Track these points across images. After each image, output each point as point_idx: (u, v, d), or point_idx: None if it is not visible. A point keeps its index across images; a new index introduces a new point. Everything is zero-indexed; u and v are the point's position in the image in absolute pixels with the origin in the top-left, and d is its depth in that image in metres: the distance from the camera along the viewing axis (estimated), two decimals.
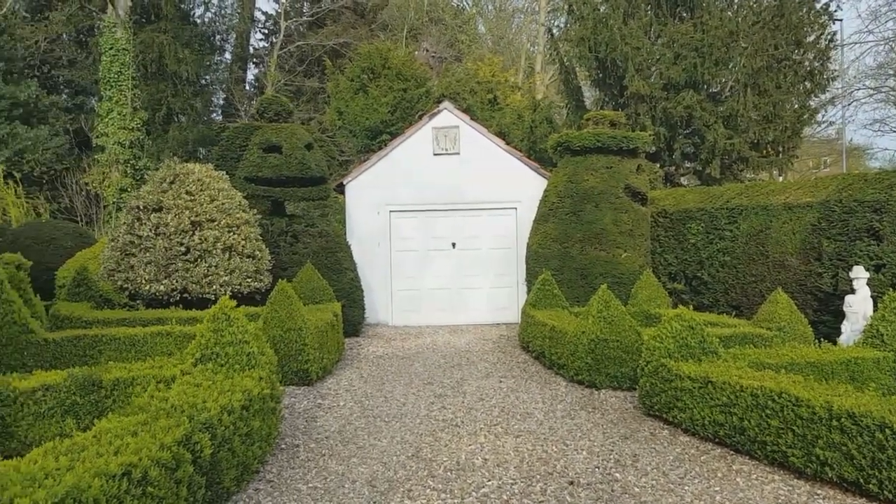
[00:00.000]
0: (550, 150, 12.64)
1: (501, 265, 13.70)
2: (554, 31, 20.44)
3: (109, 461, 3.28)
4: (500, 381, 8.48)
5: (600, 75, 17.48)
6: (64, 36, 26.57)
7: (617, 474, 5.25)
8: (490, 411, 7.10)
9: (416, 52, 25.88)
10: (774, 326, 8.86)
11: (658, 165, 16.91)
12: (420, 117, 14.28)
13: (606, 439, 6.13)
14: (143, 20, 25.27)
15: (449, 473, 5.29)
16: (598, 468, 5.39)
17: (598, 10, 17.04)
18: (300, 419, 6.84)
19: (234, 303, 5.87)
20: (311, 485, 5.08)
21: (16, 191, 21.65)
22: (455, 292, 13.75)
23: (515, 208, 13.63)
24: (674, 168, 17.69)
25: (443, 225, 13.75)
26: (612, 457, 5.65)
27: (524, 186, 13.58)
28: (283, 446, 5.98)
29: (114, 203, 22.75)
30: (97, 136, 23.30)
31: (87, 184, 23.37)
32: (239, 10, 31.53)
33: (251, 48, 33.08)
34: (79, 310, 9.55)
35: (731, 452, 5.76)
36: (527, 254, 12.41)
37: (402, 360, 10.00)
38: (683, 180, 18.84)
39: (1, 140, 22.39)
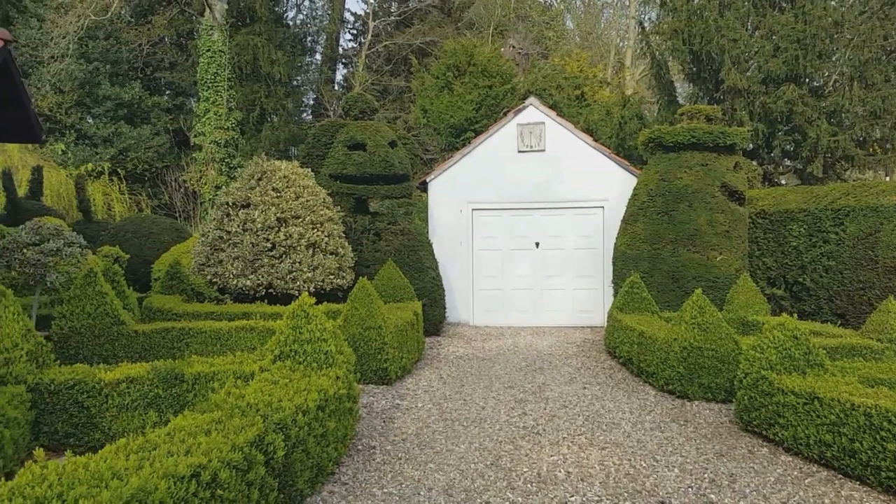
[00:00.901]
0: (641, 147, 12.12)
1: (586, 266, 13.27)
2: (645, 24, 19.71)
3: (179, 462, 3.20)
4: (585, 388, 8.13)
5: (694, 69, 16.72)
6: (166, 39, 27.73)
7: (712, 496, 4.86)
8: (573, 420, 6.79)
9: (502, 49, 25.59)
10: (885, 338, 8.15)
11: (756, 163, 16.03)
12: (505, 114, 14.00)
13: (700, 456, 5.72)
14: (239, 23, 26.05)
15: (529, 486, 5.04)
16: (692, 488, 5.01)
17: (692, 1, 16.32)
18: (378, 419, 6.73)
19: (313, 300, 5.81)
20: (385, 490, 4.93)
21: (120, 187, 22.79)
22: (538, 293, 13.41)
23: (602, 207, 13.17)
24: (773, 166, 16.74)
25: (526, 224, 13.44)
26: (706, 476, 5.25)
27: (612, 184, 13.11)
28: (359, 447, 5.87)
29: (210, 200, 23.56)
30: (195, 136, 24.18)
31: (185, 181, 24.32)
32: (329, 12, 32.11)
33: (340, 49, 33.62)
34: (170, 302, 9.82)
35: (839, 476, 5.26)
36: (614, 255, 11.96)
37: (482, 361, 9.79)
38: (783, 179, 17.83)
39: (107, 139, 23.58)
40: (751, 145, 15.92)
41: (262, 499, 3.94)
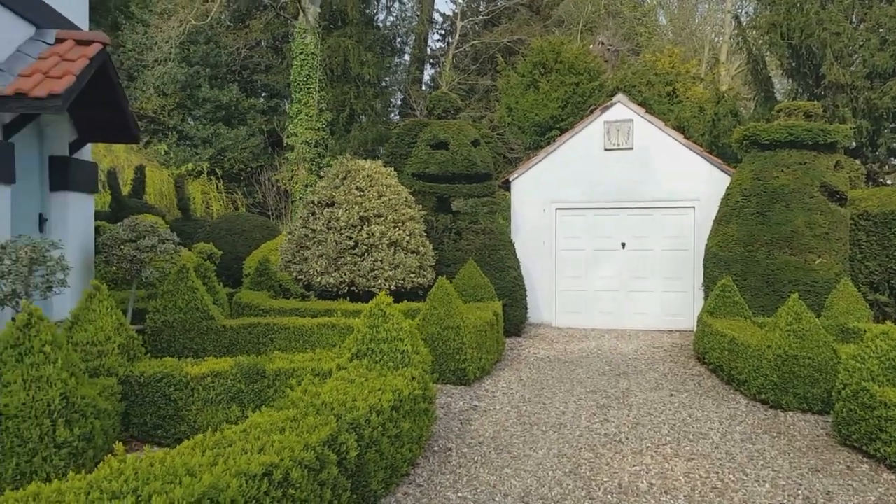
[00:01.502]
0: (735, 145, 11.59)
1: (675, 268, 12.82)
2: (742, 18, 18.92)
3: (251, 460, 3.24)
4: (671, 395, 7.84)
5: (793, 64, 15.91)
6: (262, 43, 28.64)
7: None
8: (658, 428, 6.55)
9: (591, 46, 25.11)
10: None
11: (859, 162, 15.08)
12: (591, 111, 13.70)
13: (793, 470, 5.40)
14: (331, 26, 26.61)
15: (609, 497, 4.87)
16: None
17: None
18: (455, 421, 6.69)
19: (391, 299, 5.82)
20: (460, 494, 4.88)
21: (217, 186, 23.72)
22: (623, 295, 13.05)
23: (693, 207, 12.68)
24: (877, 165, 15.71)
25: (612, 224, 13.11)
26: (799, 492, 4.94)
27: (703, 184, 12.59)
28: (435, 448, 5.85)
29: (300, 198, 24.18)
30: (287, 136, 24.86)
31: (277, 180, 25.06)
32: (418, 13, 32.37)
33: (428, 49, 33.86)
34: (258, 298, 10.11)
35: None
36: (705, 256, 11.49)
37: (563, 364, 9.60)
38: (888, 179, 16.69)
39: (206, 140, 24.57)
40: (853, 143, 15.00)
41: (335, 499, 3.95)
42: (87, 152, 8.54)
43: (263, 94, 29.20)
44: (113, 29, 25.95)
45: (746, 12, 22.20)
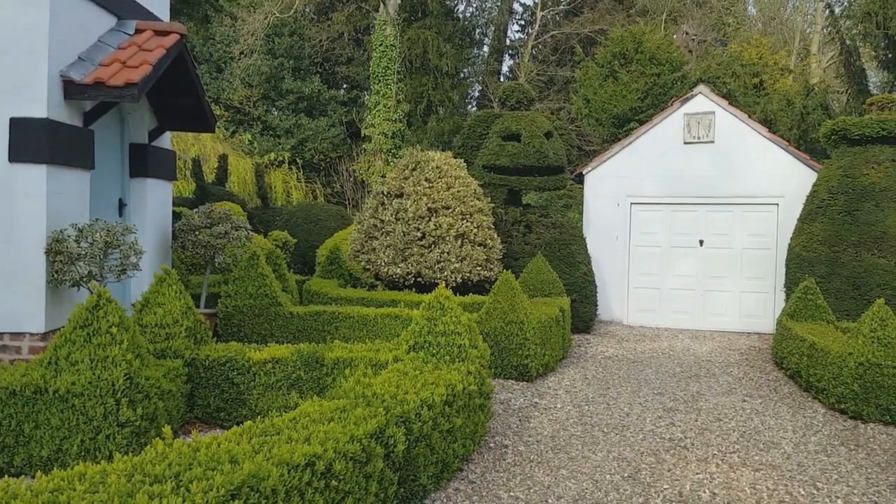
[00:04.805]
0: (823, 140, 10.99)
1: (756, 268, 12.27)
2: (835, 7, 17.97)
3: (294, 450, 3.24)
4: (744, 401, 7.50)
5: (889, 55, 15.00)
6: (344, 35, 29.05)
7: None
8: (727, 435, 6.27)
9: (675, 36, 24.28)
10: None
11: None
12: (671, 103, 13.25)
13: (870, 486, 5.06)
14: (412, 18, 26.73)
15: None
16: None
17: None
18: (513, 417, 6.59)
19: (450, 292, 5.77)
20: (512, 493, 4.79)
21: (297, 175, 24.27)
22: (700, 294, 12.59)
23: (777, 204, 12.09)
24: None
25: (689, 220, 12.65)
26: None
27: (788, 180, 12.00)
28: (491, 445, 5.77)
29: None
30: (365, 128, 25.16)
31: (354, 171, 25.43)
32: (498, 4, 32.12)
33: (507, 40, 33.57)
34: (327, 286, 10.27)
35: None
36: (787, 256, 10.95)
37: (632, 363, 9.33)
38: None
39: (288, 130, 25.14)
40: None
41: (381, 492, 3.93)
42: (167, 140, 8.83)
43: (344, 86, 29.63)
44: (203, 22, 26.85)
45: (840, 1, 21.06)
